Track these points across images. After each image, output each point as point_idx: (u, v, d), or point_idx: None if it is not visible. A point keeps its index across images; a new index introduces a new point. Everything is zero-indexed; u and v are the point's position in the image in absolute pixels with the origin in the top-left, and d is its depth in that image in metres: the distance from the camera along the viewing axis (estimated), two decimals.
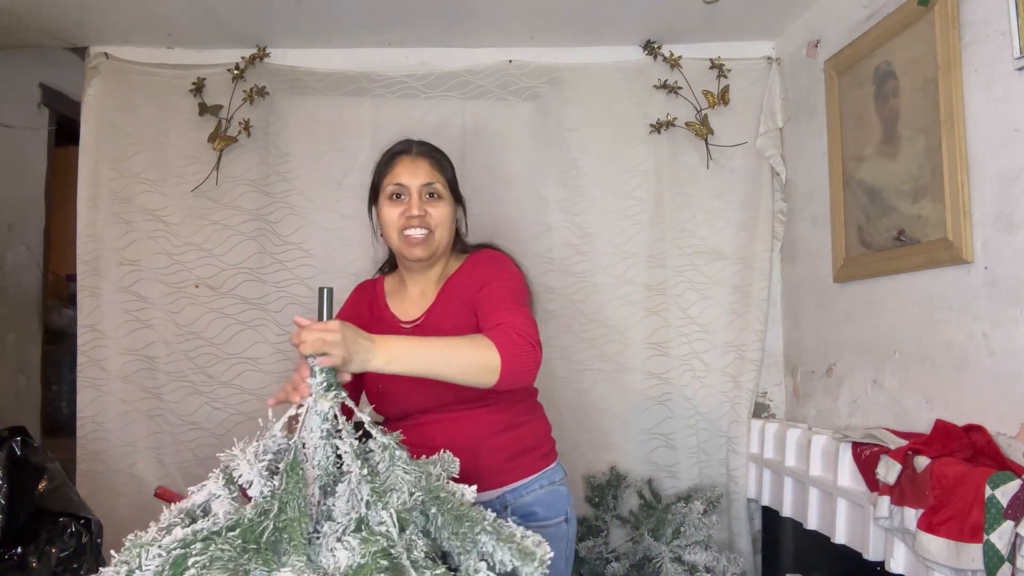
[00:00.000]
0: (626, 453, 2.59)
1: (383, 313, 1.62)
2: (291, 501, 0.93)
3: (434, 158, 1.58)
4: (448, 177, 1.59)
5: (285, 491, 0.94)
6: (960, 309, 1.70)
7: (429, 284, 1.61)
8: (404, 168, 1.55)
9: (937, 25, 1.73)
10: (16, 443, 1.86)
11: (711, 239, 2.61)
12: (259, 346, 2.57)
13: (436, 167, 1.57)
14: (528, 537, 0.97)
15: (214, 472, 1.02)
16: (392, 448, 1.01)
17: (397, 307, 1.62)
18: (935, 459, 1.54)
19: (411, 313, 1.59)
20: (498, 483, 1.49)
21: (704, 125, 2.58)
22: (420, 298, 1.60)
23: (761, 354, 2.58)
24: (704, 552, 2.30)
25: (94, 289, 2.56)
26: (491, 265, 1.56)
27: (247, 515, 0.92)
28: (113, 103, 2.59)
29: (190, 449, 2.54)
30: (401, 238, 1.53)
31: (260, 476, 0.98)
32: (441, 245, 1.56)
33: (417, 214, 1.51)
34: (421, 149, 1.59)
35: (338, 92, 2.63)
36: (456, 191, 1.62)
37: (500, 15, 2.43)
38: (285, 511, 0.92)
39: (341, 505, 0.96)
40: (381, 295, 1.65)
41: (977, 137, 1.65)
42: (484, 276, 1.52)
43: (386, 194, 1.55)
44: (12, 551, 1.75)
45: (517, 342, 1.30)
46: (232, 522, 0.91)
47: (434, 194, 1.55)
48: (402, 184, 1.54)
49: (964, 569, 1.40)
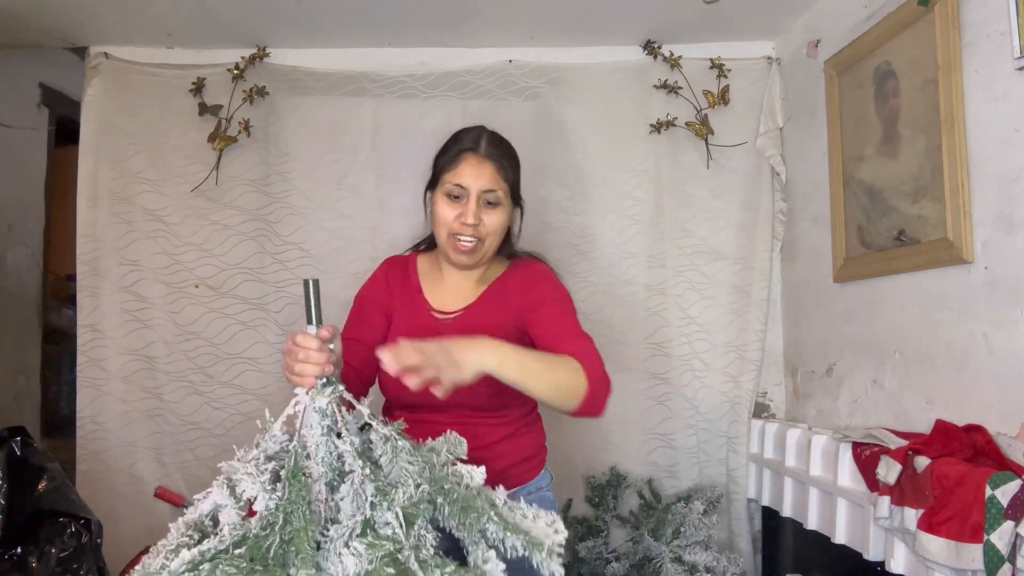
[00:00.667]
0: (626, 453, 2.59)
1: (415, 297, 1.55)
2: (295, 511, 0.91)
3: (500, 162, 1.49)
4: (511, 181, 1.51)
5: (288, 500, 0.93)
6: (960, 309, 1.70)
7: (469, 280, 1.56)
8: (468, 168, 1.46)
9: (937, 25, 1.73)
10: (16, 443, 1.86)
11: (711, 239, 2.61)
12: (259, 346, 2.58)
13: (500, 171, 1.48)
14: (540, 518, 0.94)
15: (217, 481, 1.00)
16: (394, 439, 1.00)
17: (431, 293, 1.56)
18: (935, 459, 1.54)
19: (445, 304, 1.54)
20: (507, 484, 1.50)
21: (704, 125, 2.58)
22: (456, 291, 1.55)
23: (761, 354, 2.58)
24: (704, 552, 2.30)
25: (94, 289, 2.56)
26: (545, 282, 1.51)
27: (252, 530, 0.91)
28: (113, 103, 2.59)
29: (190, 449, 2.54)
30: (450, 240, 1.47)
31: (264, 490, 0.96)
32: (489, 252, 1.51)
33: (472, 223, 1.44)
34: (490, 150, 1.49)
35: (338, 92, 2.63)
36: (516, 195, 1.54)
37: (500, 15, 2.43)
38: (290, 522, 0.90)
39: (346, 507, 0.95)
40: (414, 275, 1.58)
41: (977, 137, 1.65)
42: (540, 293, 1.48)
43: (444, 190, 1.47)
44: (12, 551, 1.75)
45: (601, 376, 1.32)
46: (238, 538, 0.90)
47: (493, 201, 1.47)
48: (462, 186, 1.46)
49: (964, 569, 1.40)
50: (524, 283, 1.52)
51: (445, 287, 1.56)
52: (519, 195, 1.56)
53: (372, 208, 2.62)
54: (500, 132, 1.59)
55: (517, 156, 1.56)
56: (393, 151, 2.63)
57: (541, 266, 1.57)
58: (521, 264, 1.58)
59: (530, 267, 1.56)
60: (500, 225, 1.49)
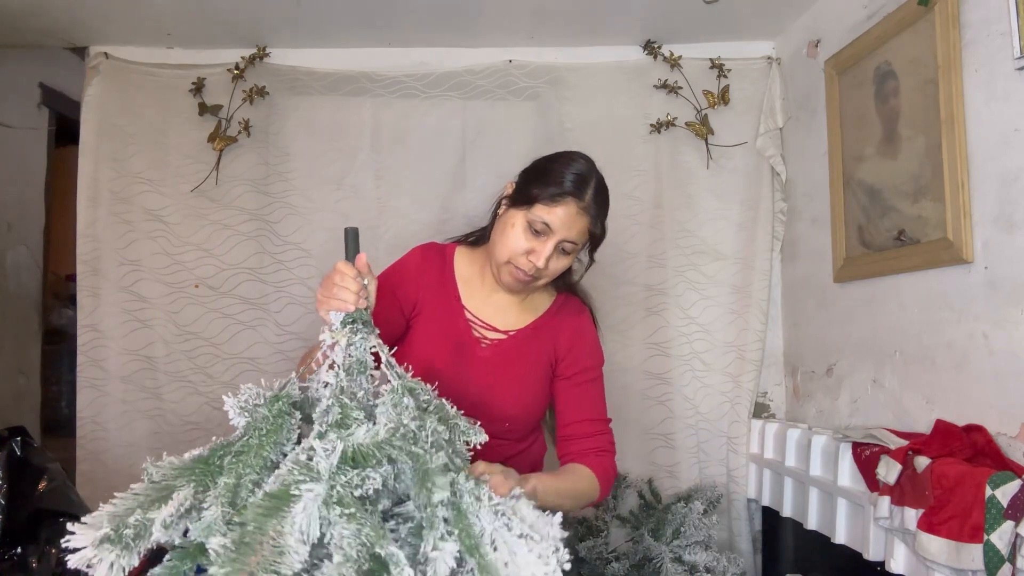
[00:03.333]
0: (626, 453, 2.59)
1: (452, 301, 1.49)
2: (259, 428, 0.90)
3: (598, 218, 1.43)
4: (595, 233, 1.44)
5: (259, 418, 0.91)
6: (960, 309, 1.70)
7: (513, 299, 1.52)
8: (566, 216, 1.37)
9: (937, 25, 1.73)
10: (16, 443, 1.86)
11: (711, 239, 2.61)
12: (259, 346, 2.57)
13: (591, 226, 1.42)
14: (534, 545, 0.80)
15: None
16: (398, 391, 0.95)
17: (470, 298, 1.50)
18: (935, 459, 1.54)
19: (485, 314, 1.49)
20: None
21: (704, 125, 2.58)
22: (497, 306, 1.50)
23: (761, 354, 2.58)
24: (704, 552, 2.30)
25: (94, 289, 2.56)
26: (592, 348, 1.53)
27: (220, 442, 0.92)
28: (113, 103, 2.59)
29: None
30: (508, 266, 1.41)
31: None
32: (539, 287, 1.47)
33: (540, 266, 1.39)
34: (592, 204, 1.41)
35: (338, 92, 2.63)
36: (593, 248, 1.49)
37: (500, 15, 2.43)
38: (249, 435, 0.90)
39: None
40: (450, 271, 1.52)
41: (977, 137, 1.65)
42: (585, 359, 1.50)
43: (527, 218, 1.38)
44: (12, 551, 1.75)
45: (611, 478, 1.46)
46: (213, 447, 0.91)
47: (569, 250, 1.43)
48: (549, 226, 1.37)
49: (964, 569, 1.40)
50: (572, 337, 1.51)
51: (483, 294, 1.51)
52: (595, 249, 1.52)
53: (372, 208, 2.62)
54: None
55: (609, 206, 1.49)
56: (393, 151, 2.63)
57: (589, 322, 1.56)
58: (571, 305, 1.55)
59: (578, 318, 1.54)
60: (562, 270, 1.45)
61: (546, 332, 1.50)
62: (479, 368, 1.46)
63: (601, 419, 1.51)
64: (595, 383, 1.52)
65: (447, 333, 1.47)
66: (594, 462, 1.43)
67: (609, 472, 1.45)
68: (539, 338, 1.49)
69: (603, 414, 1.53)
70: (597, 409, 1.51)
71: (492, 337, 1.49)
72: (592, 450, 1.45)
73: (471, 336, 1.48)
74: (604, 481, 1.43)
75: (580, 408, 1.48)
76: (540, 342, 1.49)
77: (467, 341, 1.47)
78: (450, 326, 1.48)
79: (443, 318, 1.48)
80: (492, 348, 1.47)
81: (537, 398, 1.49)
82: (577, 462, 1.43)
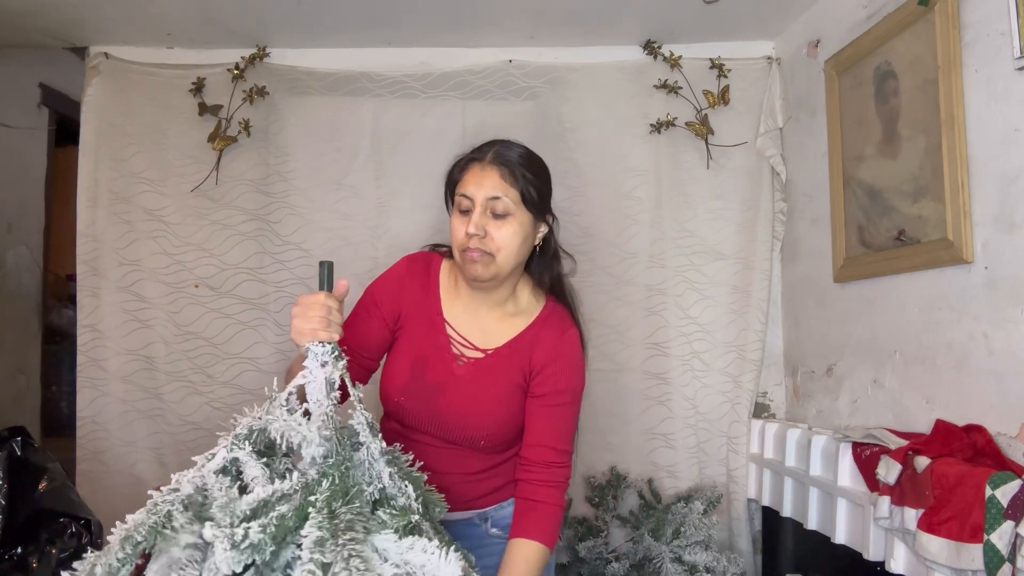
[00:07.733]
0: (626, 453, 2.59)
1: (435, 317, 1.46)
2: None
3: (508, 168, 1.36)
4: (523, 188, 1.36)
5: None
6: (960, 309, 1.70)
7: (491, 310, 1.47)
8: (472, 177, 1.37)
9: (937, 25, 1.73)
10: (16, 443, 1.86)
11: (711, 239, 2.61)
12: (259, 346, 2.58)
13: (508, 177, 1.36)
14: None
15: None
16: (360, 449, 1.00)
17: (451, 310, 1.47)
18: (935, 459, 1.54)
19: (464, 328, 1.46)
20: (479, 505, 1.52)
21: (704, 125, 2.58)
22: (475, 318, 1.47)
23: (761, 354, 2.57)
24: (704, 552, 2.30)
25: (94, 289, 2.56)
26: (573, 374, 1.45)
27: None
28: (113, 103, 2.59)
29: (190, 449, 2.51)
30: (461, 256, 1.38)
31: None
32: (503, 270, 1.39)
33: (473, 232, 1.34)
34: (496, 157, 1.38)
35: (338, 92, 2.63)
36: (535, 206, 1.40)
37: (500, 15, 2.43)
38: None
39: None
40: (435, 283, 1.49)
41: (977, 137, 1.65)
42: (563, 386, 1.43)
43: (456, 207, 1.39)
44: (12, 551, 1.75)
45: (560, 515, 1.42)
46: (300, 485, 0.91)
47: (501, 212, 1.35)
48: (467, 196, 1.36)
49: (964, 569, 1.40)
50: (550, 355, 1.43)
51: (463, 307, 1.48)
52: (544, 208, 1.44)
53: (372, 208, 2.62)
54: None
55: (540, 166, 1.44)
56: (393, 151, 2.63)
57: (573, 343, 1.46)
58: (556, 318, 1.48)
59: (561, 337, 1.45)
60: (511, 238, 1.36)
61: (524, 346, 1.45)
62: (454, 386, 1.44)
63: (563, 449, 1.43)
64: (565, 408, 1.44)
65: (426, 349, 1.45)
66: (544, 495, 1.39)
67: (557, 513, 1.41)
68: (520, 354, 1.45)
69: (567, 444, 1.44)
70: (562, 437, 1.43)
71: (470, 355, 1.46)
72: (544, 483, 1.40)
73: (450, 353, 1.45)
74: (551, 532, 1.39)
75: (543, 432, 1.42)
76: (520, 358, 1.45)
77: (446, 358, 1.45)
78: (430, 342, 1.46)
79: (424, 333, 1.46)
80: (469, 367, 1.45)
81: (514, 415, 1.45)
82: (526, 495, 1.40)
